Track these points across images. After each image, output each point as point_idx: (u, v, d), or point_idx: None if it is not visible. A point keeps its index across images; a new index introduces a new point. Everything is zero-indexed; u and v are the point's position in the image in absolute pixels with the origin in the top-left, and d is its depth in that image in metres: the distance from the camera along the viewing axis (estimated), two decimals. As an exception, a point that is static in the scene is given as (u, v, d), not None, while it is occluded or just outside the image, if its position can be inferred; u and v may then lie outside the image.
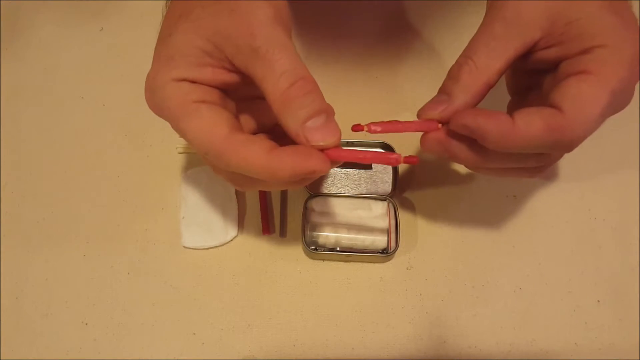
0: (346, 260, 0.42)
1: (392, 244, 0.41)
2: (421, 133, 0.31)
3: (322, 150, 0.27)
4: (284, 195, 0.44)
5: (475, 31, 0.31)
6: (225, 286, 0.42)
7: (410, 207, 0.44)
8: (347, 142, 0.44)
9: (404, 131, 0.30)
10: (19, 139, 0.47)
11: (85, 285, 0.42)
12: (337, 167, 0.44)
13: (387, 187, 0.43)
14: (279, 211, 0.44)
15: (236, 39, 0.27)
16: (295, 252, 0.43)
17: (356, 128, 0.29)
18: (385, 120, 0.30)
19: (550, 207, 0.44)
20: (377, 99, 0.48)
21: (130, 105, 0.47)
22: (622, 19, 0.27)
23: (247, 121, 0.32)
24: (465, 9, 0.50)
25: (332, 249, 0.41)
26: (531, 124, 0.27)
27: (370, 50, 0.49)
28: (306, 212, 0.42)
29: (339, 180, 0.44)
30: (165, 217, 0.44)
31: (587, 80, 0.27)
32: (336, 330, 0.40)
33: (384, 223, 0.41)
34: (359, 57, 0.49)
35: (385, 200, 0.42)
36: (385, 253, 0.41)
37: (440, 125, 0.31)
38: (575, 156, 0.30)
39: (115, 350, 0.40)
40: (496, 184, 0.45)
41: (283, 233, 0.43)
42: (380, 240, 0.41)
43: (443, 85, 0.31)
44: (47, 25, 0.51)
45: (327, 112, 0.27)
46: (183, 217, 0.43)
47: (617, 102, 0.28)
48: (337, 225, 0.41)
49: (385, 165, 0.44)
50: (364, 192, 0.43)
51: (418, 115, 0.31)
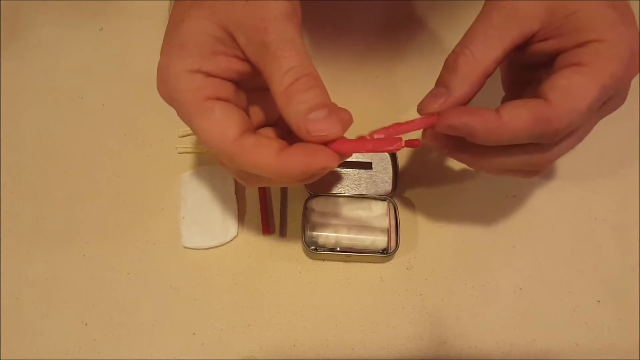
0: (346, 260, 0.42)
1: (392, 244, 0.41)
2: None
3: (325, 144, 0.27)
4: (284, 195, 0.44)
5: None
6: (225, 286, 0.42)
7: (410, 207, 0.44)
8: None
9: (408, 131, 0.30)
10: (19, 139, 0.47)
11: (85, 285, 0.42)
12: (337, 167, 0.44)
13: (387, 187, 0.43)
14: (279, 211, 0.44)
15: (249, 31, 0.27)
16: (295, 252, 0.43)
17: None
18: (386, 124, 0.30)
19: (550, 207, 0.44)
20: (377, 99, 0.48)
21: (130, 105, 0.47)
22: (621, 16, 0.27)
23: (256, 113, 0.31)
24: (465, 9, 0.50)
25: (332, 249, 0.41)
26: (517, 116, 0.27)
27: (371, 50, 0.49)
28: (306, 212, 0.42)
29: (339, 180, 0.44)
30: (165, 217, 0.44)
31: (579, 72, 0.27)
32: (336, 330, 0.40)
33: (384, 223, 0.41)
34: (359, 57, 0.49)
35: (385, 200, 0.42)
36: (385, 253, 0.41)
37: None
38: (575, 156, 0.31)
39: (115, 350, 0.40)
40: (496, 184, 0.45)
41: (283, 233, 0.43)
42: (380, 240, 0.41)
43: (440, 77, 0.31)
44: (47, 25, 0.51)
45: (330, 107, 0.27)
46: (183, 217, 0.43)
47: (609, 100, 0.28)
48: (337, 225, 0.41)
49: (385, 165, 0.44)
50: (364, 192, 0.43)
51: (418, 111, 0.31)
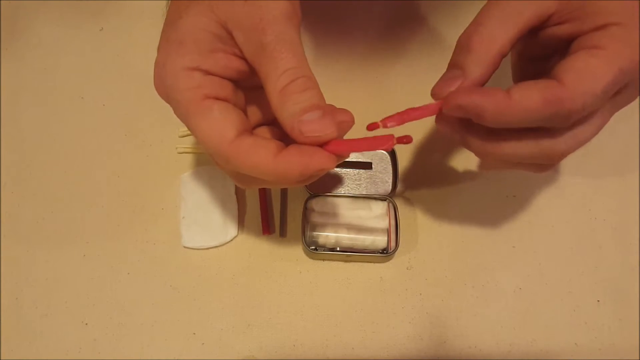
0: (346, 260, 0.42)
1: (392, 244, 0.41)
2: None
3: (320, 145, 0.27)
4: (284, 195, 0.44)
5: None
6: (225, 286, 0.41)
7: (410, 207, 0.44)
8: None
9: (421, 117, 0.29)
10: (19, 139, 0.47)
11: (85, 285, 0.42)
12: (337, 167, 0.44)
13: (387, 187, 0.43)
14: (279, 211, 0.44)
15: (247, 30, 0.26)
16: (295, 252, 0.43)
17: (371, 127, 0.28)
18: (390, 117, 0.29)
19: (550, 207, 0.44)
20: (377, 99, 0.48)
21: (130, 105, 0.47)
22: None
23: (254, 112, 0.31)
24: (465, 9, 0.50)
25: (332, 249, 0.41)
26: (528, 96, 0.26)
27: (371, 50, 0.49)
28: (306, 212, 0.42)
29: (339, 180, 0.44)
30: (165, 217, 0.44)
31: (596, 55, 0.26)
32: (336, 330, 0.40)
33: (384, 223, 0.41)
34: (360, 56, 0.49)
35: (385, 200, 0.42)
36: (385, 253, 0.41)
37: None
38: (575, 156, 0.30)
39: (115, 350, 0.40)
40: (496, 184, 0.45)
41: (283, 233, 0.43)
42: (380, 240, 0.41)
43: (453, 59, 0.29)
44: (47, 25, 0.51)
45: (324, 108, 0.27)
46: (183, 217, 0.43)
47: (624, 88, 0.28)
48: (337, 225, 0.41)
49: (385, 165, 0.44)
50: (364, 192, 0.43)
51: (432, 95, 0.30)
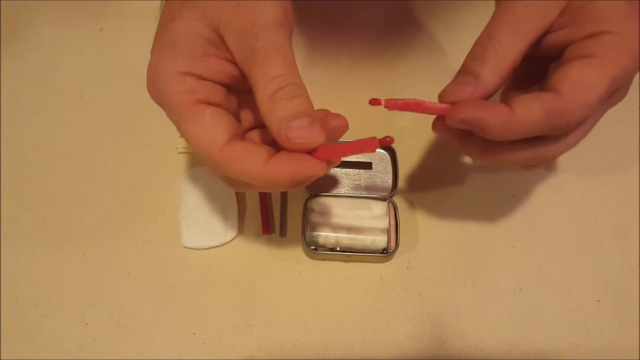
0: (346, 260, 0.42)
1: (392, 244, 0.41)
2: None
3: (309, 152, 0.27)
4: (284, 195, 0.44)
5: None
6: (225, 286, 0.41)
7: (410, 207, 0.44)
8: None
9: (427, 112, 0.29)
10: (19, 139, 0.47)
11: (85, 285, 0.42)
12: (336, 167, 0.44)
13: (387, 187, 0.43)
14: (279, 211, 0.44)
15: (238, 35, 0.26)
16: (295, 252, 0.43)
17: (374, 102, 0.28)
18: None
19: (550, 207, 0.44)
20: (377, 99, 0.48)
21: (130, 105, 0.47)
22: (633, 8, 0.27)
23: (247, 115, 0.31)
24: (465, 9, 0.50)
25: (332, 249, 0.41)
26: (530, 111, 0.27)
27: (371, 50, 0.49)
28: (306, 212, 0.42)
29: (339, 180, 0.44)
30: (165, 217, 0.44)
31: (590, 64, 0.27)
32: (336, 330, 0.40)
33: (384, 223, 0.41)
34: (359, 57, 0.49)
35: (385, 200, 0.42)
36: (385, 253, 0.41)
37: None
38: (575, 156, 0.31)
39: (115, 350, 0.40)
40: (496, 184, 0.45)
41: (283, 233, 0.43)
42: (380, 240, 0.41)
43: (465, 66, 0.30)
44: (47, 25, 0.51)
45: (312, 116, 0.27)
46: (183, 217, 0.43)
47: (616, 91, 0.28)
48: (337, 225, 0.41)
49: (385, 165, 0.44)
50: (364, 192, 0.43)
51: (441, 98, 0.30)
